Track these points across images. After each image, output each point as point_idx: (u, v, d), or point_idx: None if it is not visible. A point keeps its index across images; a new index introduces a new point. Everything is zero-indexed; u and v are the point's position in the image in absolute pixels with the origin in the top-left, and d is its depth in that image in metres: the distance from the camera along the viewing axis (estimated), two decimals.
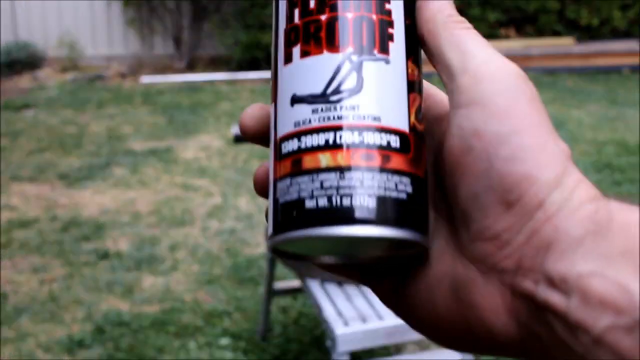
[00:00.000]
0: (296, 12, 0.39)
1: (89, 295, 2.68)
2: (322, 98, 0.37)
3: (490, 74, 0.36)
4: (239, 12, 7.37)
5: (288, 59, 0.39)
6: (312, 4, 0.39)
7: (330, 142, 0.37)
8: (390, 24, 0.39)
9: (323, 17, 0.38)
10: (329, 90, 0.37)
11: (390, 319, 1.77)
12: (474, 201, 0.35)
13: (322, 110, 0.37)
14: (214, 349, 2.33)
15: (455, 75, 0.37)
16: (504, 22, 7.75)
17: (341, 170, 0.36)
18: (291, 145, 0.38)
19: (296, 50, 0.39)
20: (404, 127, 0.38)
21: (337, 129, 0.37)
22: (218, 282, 2.76)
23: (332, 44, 0.38)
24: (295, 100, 0.38)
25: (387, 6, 0.39)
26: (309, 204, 0.36)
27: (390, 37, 0.39)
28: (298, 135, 0.37)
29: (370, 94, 0.37)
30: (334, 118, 0.37)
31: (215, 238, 3.17)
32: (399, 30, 0.39)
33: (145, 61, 7.61)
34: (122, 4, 7.64)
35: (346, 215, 0.36)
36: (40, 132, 5.02)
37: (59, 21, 7.58)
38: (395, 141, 0.37)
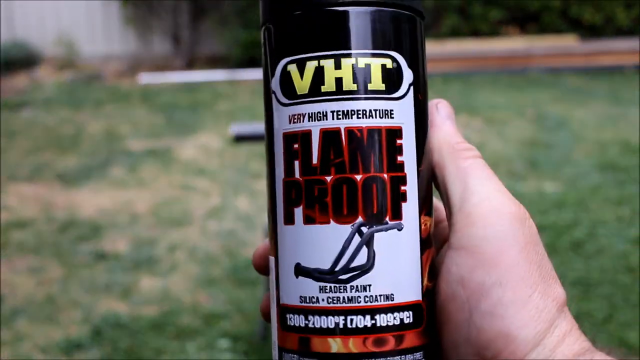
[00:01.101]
0: (296, 164, 0.36)
1: (86, 296, 2.65)
2: (330, 275, 0.35)
3: (483, 216, 0.35)
4: (238, 10, 7.35)
5: (289, 219, 0.36)
6: (314, 160, 0.35)
7: (341, 326, 0.35)
8: (403, 180, 0.36)
9: (328, 179, 0.35)
10: (338, 268, 0.35)
11: None
12: (453, 350, 0.35)
13: (330, 289, 0.35)
14: (213, 350, 2.30)
15: (452, 213, 0.36)
16: (506, 20, 7.72)
17: (353, 357, 0.34)
18: (297, 321, 0.36)
19: (298, 213, 0.36)
20: (417, 296, 0.36)
21: (347, 312, 0.35)
22: (217, 284, 2.74)
23: (340, 214, 0.35)
24: (300, 271, 0.36)
25: (400, 159, 0.36)
26: None
27: (404, 197, 0.36)
28: (305, 312, 0.35)
29: (383, 271, 0.35)
30: (344, 300, 0.35)
31: (215, 239, 3.14)
32: (412, 185, 0.36)
33: (144, 60, 7.58)
34: (121, 3, 7.62)
35: None
36: (37, 131, 4.99)
37: (56, 20, 7.55)
38: (408, 317, 0.35)
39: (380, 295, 0.35)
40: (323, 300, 0.35)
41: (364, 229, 0.35)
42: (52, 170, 4.11)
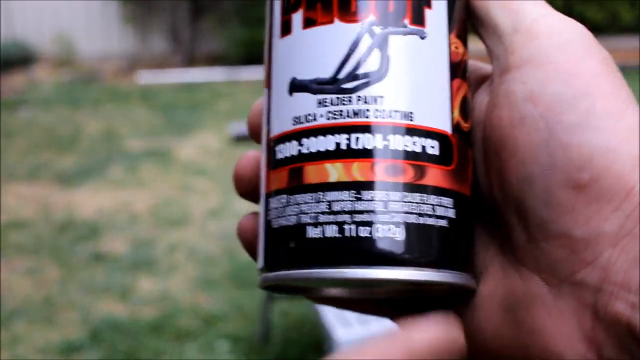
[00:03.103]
0: None
1: (85, 298, 2.64)
2: (332, 85, 0.28)
3: (549, 29, 0.28)
4: (237, 9, 7.33)
5: (286, 29, 0.29)
6: None
7: (343, 147, 0.27)
8: None
9: None
10: (342, 75, 0.28)
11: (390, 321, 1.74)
12: (529, 186, 0.26)
13: (331, 102, 0.27)
14: (213, 352, 2.29)
15: (503, 37, 0.29)
16: None
17: (358, 187, 0.27)
18: (289, 150, 0.28)
19: (297, 18, 0.29)
20: (446, 127, 0.28)
21: (352, 129, 0.27)
22: (217, 285, 2.72)
23: (347, 10, 0.28)
24: (295, 87, 0.28)
25: None
26: (312, 232, 0.27)
27: (427, 2, 0.29)
28: (298, 135, 0.28)
29: (399, 81, 0.27)
30: (348, 114, 0.27)
31: (214, 240, 3.12)
32: None
33: (143, 59, 7.57)
34: (120, 2, 7.60)
35: (364, 252, 0.26)
36: (35, 131, 4.97)
37: (54, 19, 7.53)
38: (433, 147, 0.27)
39: (395, 112, 0.27)
40: (322, 116, 0.27)
41: (377, 29, 0.28)
42: (50, 171, 4.09)
